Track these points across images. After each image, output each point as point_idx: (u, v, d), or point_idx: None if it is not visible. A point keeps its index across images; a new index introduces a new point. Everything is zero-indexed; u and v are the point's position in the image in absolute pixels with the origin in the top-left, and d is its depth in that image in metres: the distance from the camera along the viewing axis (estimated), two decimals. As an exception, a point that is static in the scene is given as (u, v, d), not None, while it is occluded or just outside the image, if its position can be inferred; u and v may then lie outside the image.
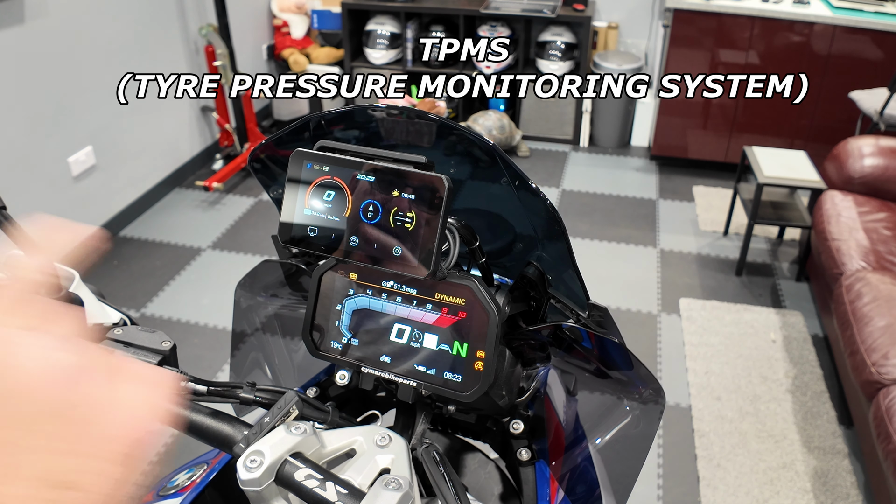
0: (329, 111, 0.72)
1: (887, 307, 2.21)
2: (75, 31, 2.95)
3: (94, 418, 0.30)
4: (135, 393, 0.32)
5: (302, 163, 0.58)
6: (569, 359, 0.72)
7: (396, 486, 0.51)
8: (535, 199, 0.68)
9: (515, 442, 0.74)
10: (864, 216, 2.71)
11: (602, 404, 0.72)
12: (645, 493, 2.14)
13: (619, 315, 2.89)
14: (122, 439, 0.31)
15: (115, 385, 0.32)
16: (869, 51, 3.54)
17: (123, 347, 0.68)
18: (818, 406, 2.46)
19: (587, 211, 3.70)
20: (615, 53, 4.24)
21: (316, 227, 0.58)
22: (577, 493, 0.71)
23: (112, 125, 3.24)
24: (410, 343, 0.65)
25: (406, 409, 0.73)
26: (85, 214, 3.18)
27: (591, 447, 0.71)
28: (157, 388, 0.34)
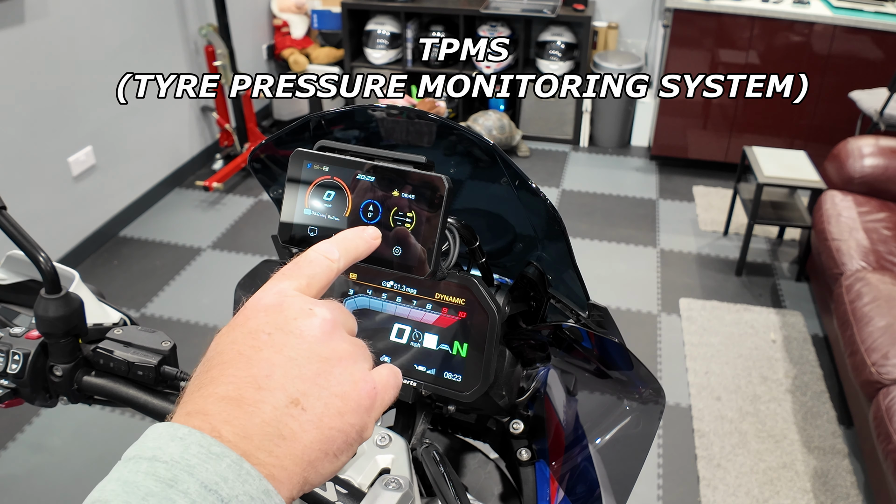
0: (329, 111, 0.72)
1: (887, 307, 2.21)
2: (75, 31, 2.95)
3: (337, 367, 0.37)
4: (376, 369, 0.40)
5: (302, 163, 0.58)
6: (569, 359, 0.72)
7: (396, 486, 0.51)
8: (535, 199, 0.68)
9: (515, 442, 0.74)
10: (864, 216, 2.71)
11: (602, 404, 0.72)
12: (645, 493, 2.14)
13: (619, 315, 2.89)
14: (353, 388, 0.37)
15: (357, 352, 0.39)
16: (869, 51, 3.54)
17: (123, 347, 0.68)
18: (818, 406, 2.46)
19: (587, 211, 3.70)
20: (615, 53, 4.24)
21: (316, 227, 0.58)
22: (577, 493, 0.71)
23: (112, 125, 3.24)
24: (410, 343, 0.65)
25: (406, 409, 0.73)
26: (85, 214, 3.18)
27: (591, 447, 0.71)
28: (393, 374, 0.40)
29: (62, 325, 0.64)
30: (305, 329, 0.37)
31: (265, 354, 0.36)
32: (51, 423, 2.35)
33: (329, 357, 0.37)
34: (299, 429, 0.34)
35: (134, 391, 0.67)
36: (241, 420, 0.33)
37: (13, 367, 0.66)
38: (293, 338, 0.36)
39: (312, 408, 0.35)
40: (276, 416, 0.34)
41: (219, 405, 0.34)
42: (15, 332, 0.68)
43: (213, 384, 0.35)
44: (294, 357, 0.36)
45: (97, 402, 0.70)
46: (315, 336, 0.37)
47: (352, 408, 0.36)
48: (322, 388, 0.36)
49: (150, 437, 0.33)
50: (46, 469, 2.20)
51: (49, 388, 0.68)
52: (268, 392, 0.34)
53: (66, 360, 0.66)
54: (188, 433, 0.32)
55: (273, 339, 0.36)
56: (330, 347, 0.37)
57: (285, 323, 0.37)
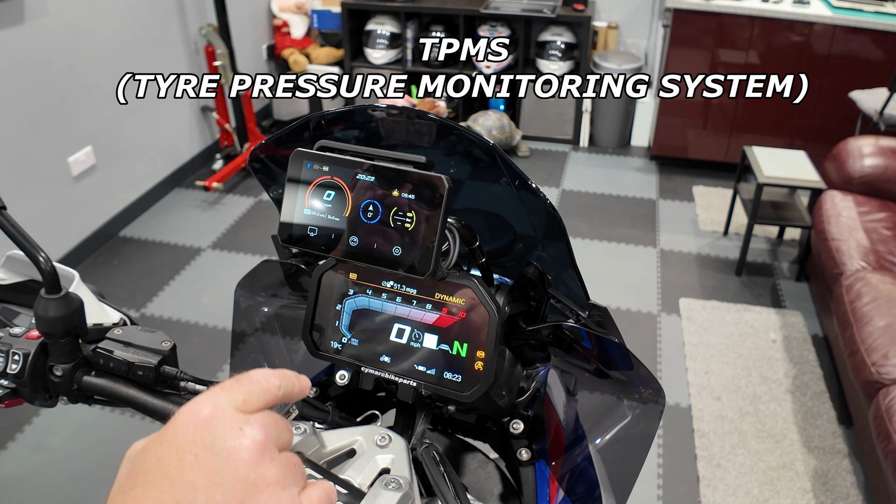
0: (329, 111, 0.72)
1: (887, 307, 2.21)
2: (75, 31, 2.95)
3: (263, 493, 0.36)
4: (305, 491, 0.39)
5: (302, 163, 0.58)
6: (569, 359, 0.72)
7: (396, 486, 0.51)
8: (535, 198, 0.68)
9: (515, 442, 0.74)
10: (864, 216, 2.71)
11: (602, 404, 0.72)
12: (645, 493, 2.14)
13: (619, 315, 2.89)
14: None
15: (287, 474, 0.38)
16: (869, 51, 3.54)
17: (123, 347, 0.68)
18: (818, 406, 2.46)
19: (587, 211, 3.70)
20: (615, 53, 4.24)
21: (316, 227, 0.58)
22: (576, 493, 0.71)
23: (112, 125, 3.24)
24: (410, 343, 0.65)
25: (406, 409, 0.73)
26: (85, 214, 3.18)
27: (591, 447, 0.71)
28: (325, 494, 0.40)
29: (62, 325, 0.64)
30: (233, 451, 0.36)
31: (189, 477, 0.35)
32: (51, 423, 2.35)
33: (255, 482, 0.36)
34: None
35: (134, 391, 0.67)
36: None
37: (13, 367, 0.66)
38: (219, 461, 0.36)
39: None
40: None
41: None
42: (15, 332, 0.68)
43: (137, 503, 0.35)
44: (218, 483, 0.35)
45: (97, 402, 0.70)
46: (242, 460, 0.36)
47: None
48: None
49: None
50: (46, 469, 2.20)
51: (49, 388, 0.68)
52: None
53: (66, 360, 0.66)
54: None
55: (199, 461, 0.36)
56: (257, 473, 0.36)
57: (213, 443, 0.36)
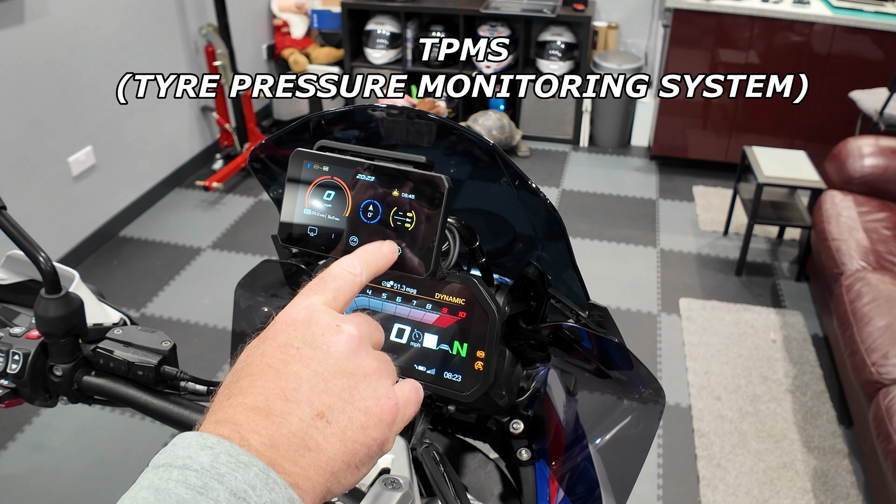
0: (329, 111, 0.72)
1: (887, 307, 2.21)
2: (75, 31, 2.95)
3: (362, 382, 0.38)
4: (398, 384, 0.41)
5: (302, 163, 0.58)
6: (569, 359, 0.72)
7: (396, 486, 0.51)
8: (535, 198, 0.68)
9: (515, 442, 0.74)
10: (864, 216, 2.71)
11: (602, 404, 0.72)
12: (645, 493, 2.14)
13: (619, 315, 2.89)
14: (376, 403, 0.38)
15: (381, 367, 0.40)
16: (869, 51, 3.54)
17: (123, 347, 0.68)
18: (818, 406, 2.46)
19: (587, 211, 3.70)
20: (615, 53, 4.24)
21: (315, 227, 0.58)
22: (577, 493, 0.71)
23: (112, 125, 3.24)
24: (410, 343, 0.65)
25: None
26: (85, 214, 3.18)
27: (591, 447, 0.71)
28: (414, 389, 0.42)
29: (62, 325, 0.64)
30: (332, 345, 0.38)
31: (293, 368, 0.37)
32: (51, 423, 2.35)
33: (354, 373, 0.38)
34: (324, 441, 0.36)
35: (134, 391, 0.67)
36: (269, 430, 0.35)
37: (13, 367, 0.66)
38: (320, 353, 0.38)
39: (337, 421, 0.37)
40: (302, 428, 0.35)
41: (247, 415, 0.35)
42: (15, 332, 0.68)
43: (243, 394, 0.36)
44: (321, 372, 0.37)
45: (97, 402, 0.70)
46: (341, 352, 0.38)
47: (374, 422, 0.38)
48: (347, 403, 0.37)
49: (180, 445, 0.34)
50: (46, 469, 2.20)
51: (49, 388, 0.68)
52: (295, 404, 0.36)
53: (66, 360, 0.66)
54: (217, 442, 0.33)
55: (301, 353, 0.38)
56: (355, 364, 0.38)
57: (313, 338, 0.38)
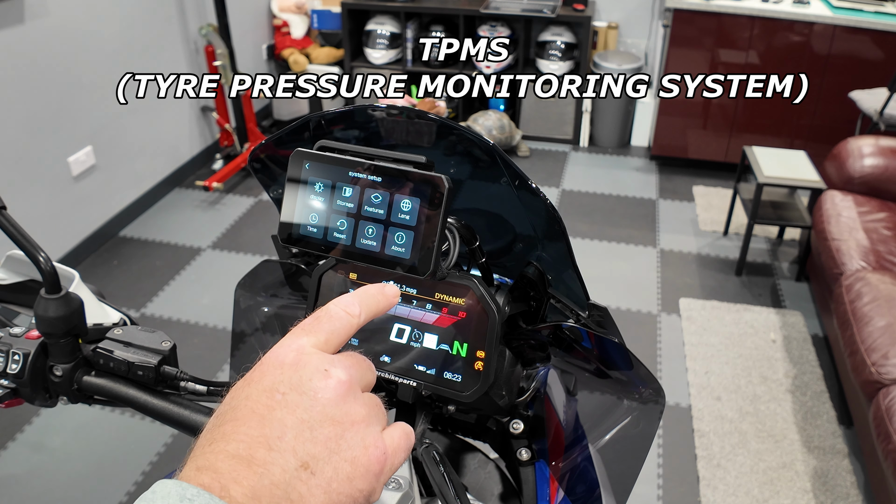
0: (329, 111, 0.72)
1: (887, 307, 2.21)
2: (75, 31, 2.95)
3: (349, 431, 0.37)
4: (387, 431, 0.40)
5: (302, 163, 0.58)
6: (569, 359, 0.72)
7: (396, 486, 0.51)
8: (535, 198, 0.68)
9: (515, 442, 0.74)
10: (864, 216, 2.71)
11: (602, 404, 0.72)
12: (645, 493, 2.14)
13: (619, 315, 2.89)
14: (363, 453, 0.37)
15: (371, 414, 0.39)
16: (869, 51, 3.54)
17: (123, 347, 0.68)
18: (818, 406, 2.46)
19: (587, 211, 3.70)
20: (615, 53, 4.24)
21: (315, 227, 0.58)
22: (576, 492, 0.71)
23: (112, 125, 3.24)
24: (410, 343, 0.65)
25: (406, 409, 0.73)
26: (85, 214, 3.18)
27: (591, 447, 0.71)
28: (405, 435, 0.41)
29: (62, 325, 0.64)
30: (320, 391, 0.37)
31: (278, 415, 0.36)
32: (51, 423, 2.35)
33: (342, 420, 0.37)
34: (307, 493, 0.35)
35: (134, 391, 0.67)
36: (251, 480, 0.33)
37: (13, 367, 0.66)
38: (307, 399, 0.37)
39: (322, 472, 0.35)
40: (285, 479, 0.34)
41: (229, 463, 0.34)
42: (15, 332, 0.68)
43: (225, 440, 0.35)
44: (306, 419, 0.36)
45: (97, 402, 0.70)
46: (329, 399, 0.37)
47: (361, 473, 0.37)
48: (333, 453, 0.36)
49: (160, 494, 0.33)
50: (46, 469, 2.20)
51: (49, 388, 0.68)
52: (278, 454, 0.35)
53: (66, 360, 0.66)
54: (197, 494, 0.32)
55: (287, 399, 0.36)
56: (343, 411, 0.37)
57: (300, 383, 0.37)
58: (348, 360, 0.40)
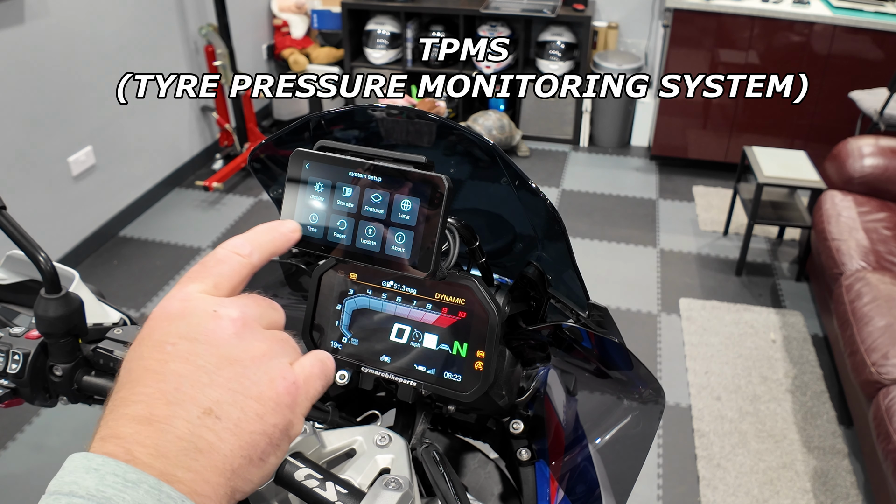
0: (329, 111, 0.72)
1: (887, 307, 2.21)
2: (75, 31, 2.95)
3: (250, 367, 0.35)
4: (298, 361, 0.38)
5: (302, 163, 0.58)
6: (569, 359, 0.72)
7: (396, 486, 0.51)
8: (535, 198, 0.68)
9: (515, 442, 0.74)
10: (864, 216, 2.71)
11: (602, 404, 0.72)
12: (645, 493, 2.14)
13: (619, 315, 2.89)
14: (269, 387, 0.35)
15: (274, 347, 0.37)
16: (869, 51, 3.54)
17: (123, 347, 0.68)
18: (818, 406, 2.46)
19: (587, 211, 3.70)
20: (615, 53, 4.24)
21: (315, 227, 0.58)
22: (576, 492, 0.71)
23: (112, 125, 3.24)
24: (410, 343, 0.65)
25: (406, 409, 0.73)
26: (85, 214, 3.18)
27: (591, 447, 0.71)
28: (318, 361, 0.39)
29: (62, 325, 0.64)
30: (211, 333, 0.35)
31: (172, 367, 0.34)
32: (51, 423, 2.35)
33: (240, 358, 0.35)
34: (216, 439, 0.33)
35: (134, 391, 0.67)
36: (154, 439, 0.32)
37: (13, 367, 0.66)
38: (199, 345, 0.35)
39: (228, 415, 0.34)
40: (190, 430, 0.33)
41: (131, 426, 0.33)
42: (15, 332, 0.68)
43: (124, 405, 0.34)
44: (202, 365, 0.34)
45: (97, 402, 0.70)
46: (222, 339, 0.35)
47: (271, 408, 0.35)
48: (236, 393, 0.34)
49: (68, 469, 0.32)
50: (46, 469, 2.19)
51: (49, 388, 0.68)
52: (178, 406, 0.33)
53: (66, 360, 0.66)
54: (102, 462, 0.31)
55: (178, 349, 0.35)
56: (240, 348, 0.36)
57: (189, 330, 0.35)
58: (242, 299, 0.38)
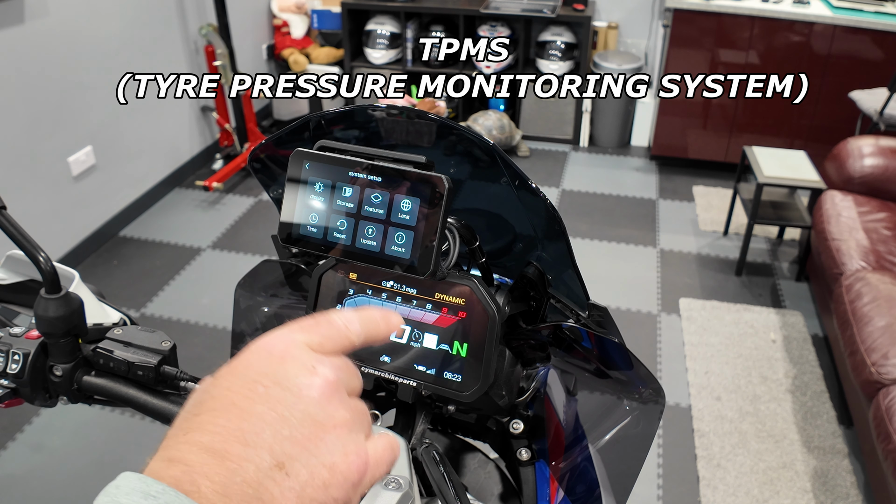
0: (329, 111, 0.72)
1: (887, 307, 2.21)
2: (75, 31, 2.95)
3: (330, 434, 0.36)
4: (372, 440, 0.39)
5: (302, 163, 0.58)
6: (569, 359, 0.72)
7: (396, 486, 0.51)
8: (534, 198, 0.68)
9: (515, 442, 0.74)
10: (863, 216, 2.71)
11: (602, 404, 0.72)
12: (645, 493, 2.14)
13: (619, 315, 2.89)
14: (343, 460, 0.35)
15: (355, 418, 0.37)
16: (869, 51, 3.54)
17: (123, 347, 0.68)
18: (818, 406, 2.46)
19: (587, 211, 3.70)
20: (615, 53, 4.24)
21: (315, 227, 0.58)
22: (576, 492, 0.71)
23: (112, 125, 3.24)
24: (410, 342, 0.64)
25: (406, 409, 0.73)
26: (85, 214, 3.18)
27: (591, 447, 0.71)
28: (389, 447, 0.39)
29: (62, 325, 0.64)
30: (304, 388, 0.35)
31: (258, 409, 0.34)
32: (51, 423, 2.35)
33: (323, 422, 0.35)
34: (279, 495, 0.33)
35: (134, 391, 0.67)
36: (223, 477, 0.32)
37: (13, 367, 0.66)
38: (290, 395, 0.35)
39: (297, 474, 0.34)
40: (258, 478, 0.33)
41: (201, 456, 0.32)
42: (15, 332, 0.68)
43: (200, 431, 0.34)
44: (287, 416, 0.34)
45: (97, 402, 0.70)
46: (312, 397, 0.35)
47: (338, 481, 0.35)
48: (311, 455, 0.34)
49: (123, 490, 0.31)
50: (46, 469, 2.20)
51: (49, 388, 0.68)
52: (254, 450, 0.33)
53: (66, 360, 0.66)
54: (161, 491, 0.31)
55: (269, 392, 0.35)
56: (326, 412, 0.36)
57: (285, 377, 0.35)
58: (339, 362, 0.38)
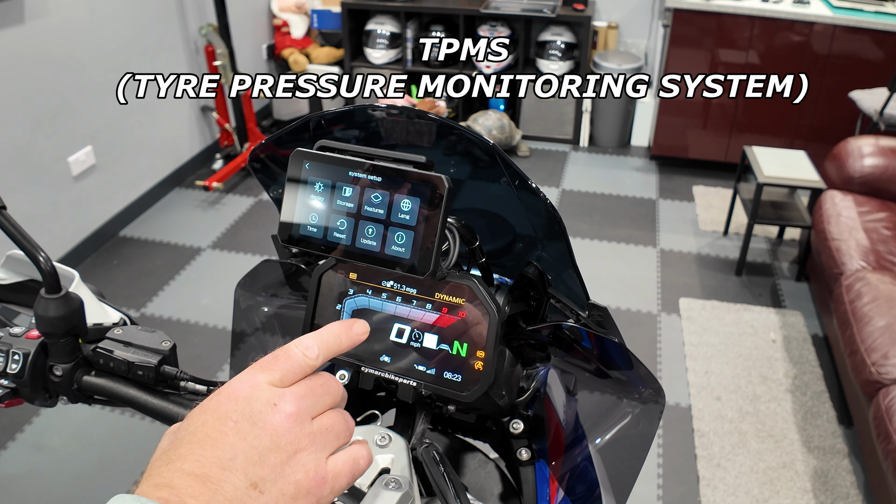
0: (329, 111, 0.72)
1: (887, 307, 2.21)
2: (75, 31, 2.95)
3: (293, 458, 0.41)
4: (332, 457, 0.43)
5: (302, 163, 0.58)
6: (569, 359, 0.72)
7: (396, 486, 0.51)
8: (534, 198, 0.68)
9: (515, 442, 0.74)
10: (863, 216, 2.71)
11: (602, 404, 0.72)
12: (645, 493, 2.14)
13: (619, 315, 2.89)
14: (305, 476, 0.41)
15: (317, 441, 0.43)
16: (869, 51, 3.54)
17: (123, 347, 0.68)
18: (818, 406, 2.46)
19: (587, 211, 3.70)
20: (615, 53, 4.24)
21: (315, 227, 0.58)
22: (576, 492, 0.71)
23: (112, 125, 3.24)
24: (410, 343, 0.64)
25: (406, 409, 0.73)
26: (85, 214, 3.18)
27: (591, 447, 0.71)
28: (351, 460, 0.44)
29: (62, 325, 0.64)
30: (268, 423, 0.41)
31: (231, 440, 0.40)
32: (51, 423, 2.35)
33: (286, 449, 0.41)
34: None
35: (134, 391, 0.67)
36: (206, 496, 0.37)
37: (13, 367, 0.66)
38: (257, 429, 0.41)
39: (269, 492, 0.40)
40: (237, 496, 0.38)
41: (185, 480, 0.38)
42: (15, 332, 0.68)
43: (181, 461, 0.39)
44: (256, 446, 0.40)
45: (97, 401, 0.70)
46: (276, 429, 0.41)
47: (303, 493, 0.41)
48: (279, 476, 0.40)
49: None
50: (46, 469, 2.20)
51: (49, 388, 0.68)
52: (231, 473, 0.39)
53: (66, 360, 0.66)
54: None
55: (239, 426, 0.40)
56: (287, 440, 0.41)
57: (251, 414, 0.41)
58: (302, 389, 0.43)
